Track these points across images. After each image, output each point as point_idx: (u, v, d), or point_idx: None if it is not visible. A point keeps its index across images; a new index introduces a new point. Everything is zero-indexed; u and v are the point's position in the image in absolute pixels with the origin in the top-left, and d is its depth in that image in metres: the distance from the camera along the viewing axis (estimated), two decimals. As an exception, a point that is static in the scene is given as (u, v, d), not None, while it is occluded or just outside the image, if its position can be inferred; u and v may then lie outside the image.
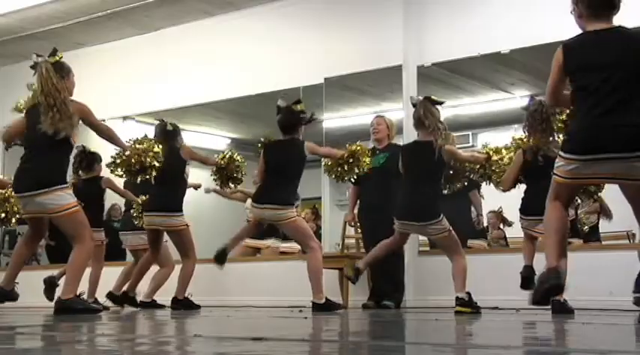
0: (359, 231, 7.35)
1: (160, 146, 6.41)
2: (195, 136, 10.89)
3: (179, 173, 6.77)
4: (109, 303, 7.05)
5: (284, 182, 6.26)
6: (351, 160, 6.35)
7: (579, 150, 3.80)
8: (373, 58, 7.96)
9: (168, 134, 6.81)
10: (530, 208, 5.69)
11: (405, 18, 7.80)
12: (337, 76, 8.35)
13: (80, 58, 9.82)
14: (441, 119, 5.88)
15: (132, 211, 7.26)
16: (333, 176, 6.52)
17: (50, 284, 7.17)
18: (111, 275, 7.36)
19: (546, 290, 3.70)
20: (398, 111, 7.79)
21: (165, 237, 6.96)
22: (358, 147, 6.42)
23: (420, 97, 6.02)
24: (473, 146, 10.18)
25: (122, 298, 7.04)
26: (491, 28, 7.43)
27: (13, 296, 5.60)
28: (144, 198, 7.06)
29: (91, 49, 9.93)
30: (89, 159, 7.17)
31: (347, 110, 9.53)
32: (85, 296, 6.31)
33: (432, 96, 5.97)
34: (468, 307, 5.60)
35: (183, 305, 6.58)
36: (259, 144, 6.50)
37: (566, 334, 3.54)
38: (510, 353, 2.57)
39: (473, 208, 8.03)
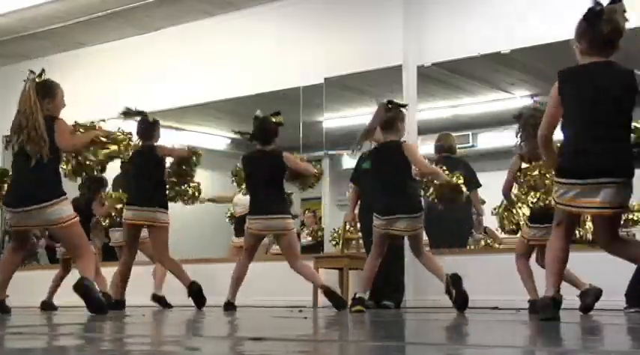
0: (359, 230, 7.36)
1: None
2: (195, 136, 10.90)
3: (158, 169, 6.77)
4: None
5: (275, 192, 6.30)
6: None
7: (569, 174, 4.02)
8: (373, 58, 7.96)
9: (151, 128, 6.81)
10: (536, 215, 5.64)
11: (405, 18, 7.81)
12: (337, 76, 8.35)
13: (80, 58, 9.85)
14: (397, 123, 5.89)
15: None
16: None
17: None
18: (110, 275, 7.36)
19: (542, 320, 4.06)
20: (398, 111, 7.78)
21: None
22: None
23: (385, 100, 6.00)
24: (473, 146, 10.19)
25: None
26: (491, 28, 7.44)
27: (3, 308, 5.58)
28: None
29: (91, 49, 9.94)
30: (97, 184, 7.24)
31: (347, 110, 9.53)
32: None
33: (395, 100, 5.98)
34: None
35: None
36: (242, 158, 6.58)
37: (567, 334, 3.54)
38: (510, 353, 2.57)
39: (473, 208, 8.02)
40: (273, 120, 6.36)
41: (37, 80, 5.35)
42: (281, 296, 7.33)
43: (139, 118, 6.84)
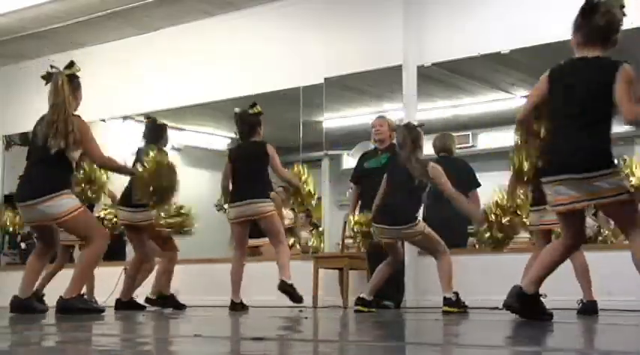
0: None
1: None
2: (195, 136, 10.90)
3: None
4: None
5: (255, 180, 6.39)
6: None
7: (551, 171, 3.97)
8: (373, 58, 7.96)
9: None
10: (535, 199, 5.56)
11: (405, 18, 7.80)
12: (337, 76, 8.35)
13: (80, 58, 9.79)
14: (420, 142, 5.85)
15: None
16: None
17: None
18: (115, 276, 7.38)
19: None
20: (398, 111, 7.80)
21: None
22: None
23: (400, 123, 6.09)
24: (473, 146, 10.19)
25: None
26: (491, 28, 7.43)
27: (32, 306, 5.47)
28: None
29: (91, 49, 9.93)
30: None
31: (347, 110, 9.54)
32: (86, 297, 6.31)
33: (412, 122, 6.06)
34: (455, 307, 5.59)
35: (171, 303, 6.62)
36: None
37: (566, 334, 3.54)
38: (510, 352, 2.58)
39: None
40: (250, 112, 6.45)
41: (66, 72, 5.35)
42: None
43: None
